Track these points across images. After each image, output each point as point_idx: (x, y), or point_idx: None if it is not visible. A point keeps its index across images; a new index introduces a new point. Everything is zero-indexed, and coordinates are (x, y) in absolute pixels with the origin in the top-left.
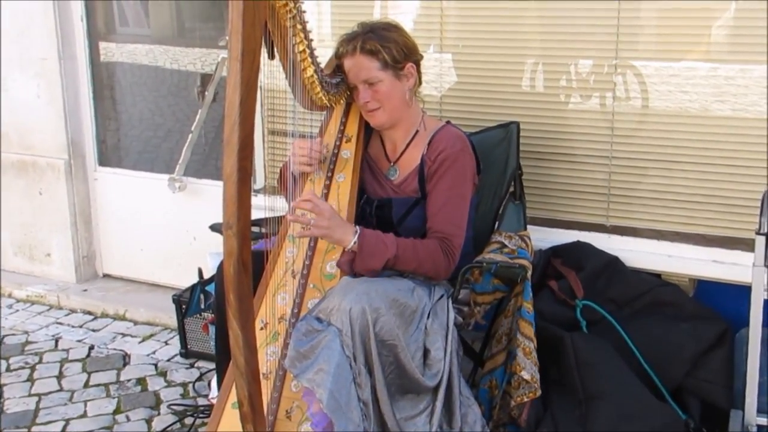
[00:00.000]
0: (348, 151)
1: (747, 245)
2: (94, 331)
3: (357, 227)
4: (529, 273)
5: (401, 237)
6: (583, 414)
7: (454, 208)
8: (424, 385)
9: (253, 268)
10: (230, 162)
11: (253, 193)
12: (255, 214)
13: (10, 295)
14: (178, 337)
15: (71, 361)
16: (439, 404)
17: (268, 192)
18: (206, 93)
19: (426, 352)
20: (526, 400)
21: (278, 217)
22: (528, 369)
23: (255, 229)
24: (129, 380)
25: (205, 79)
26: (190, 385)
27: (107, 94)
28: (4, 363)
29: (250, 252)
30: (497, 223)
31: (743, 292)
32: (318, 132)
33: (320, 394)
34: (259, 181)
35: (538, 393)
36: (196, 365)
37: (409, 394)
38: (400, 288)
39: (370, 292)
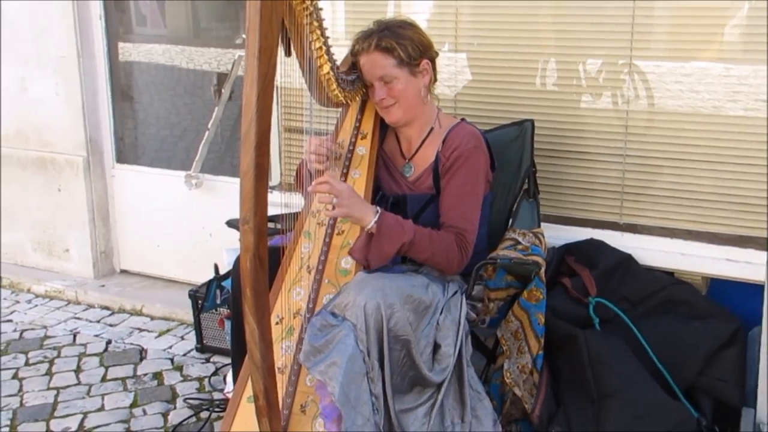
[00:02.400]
0: (363, 148)
1: (760, 244)
2: (111, 326)
3: (377, 207)
4: (543, 270)
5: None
6: (595, 412)
7: (467, 204)
8: (431, 380)
9: (269, 264)
10: (247, 158)
11: (269, 190)
12: (271, 211)
13: (29, 290)
14: (194, 332)
15: (89, 355)
16: (440, 397)
17: (284, 189)
18: (222, 91)
19: (436, 347)
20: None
21: (294, 213)
22: (521, 386)
23: (270, 225)
24: (146, 374)
25: (221, 77)
26: (206, 380)
27: (125, 93)
28: (23, 357)
29: (267, 247)
30: (511, 220)
31: (756, 290)
32: (333, 129)
33: (332, 388)
34: (274, 177)
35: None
36: (211, 360)
37: (416, 387)
38: (414, 284)
39: (385, 288)
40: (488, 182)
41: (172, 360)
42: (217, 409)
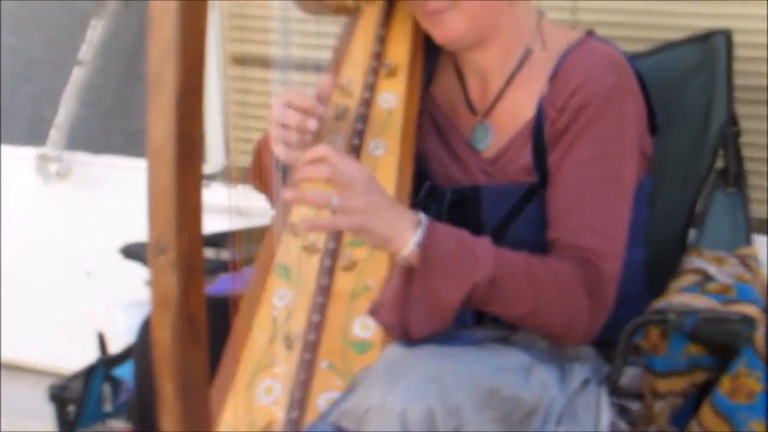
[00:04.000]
0: (391, 96)
1: None
2: None
3: (421, 215)
4: (760, 332)
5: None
6: None
7: (602, 202)
8: None
9: (211, 331)
10: (161, 122)
11: (204, 183)
12: (210, 224)
13: None
14: None
15: None
16: None
17: (233, 179)
18: None
19: None
20: None
21: (255, 228)
22: None
23: (210, 253)
24: None
25: None
26: None
27: None
28: None
29: (204, 298)
30: (694, 231)
31: None
32: (331, 61)
33: None
34: (214, 160)
35: None
36: None
37: None
38: (502, 367)
39: (442, 377)
40: (645, 157)
41: None
42: None
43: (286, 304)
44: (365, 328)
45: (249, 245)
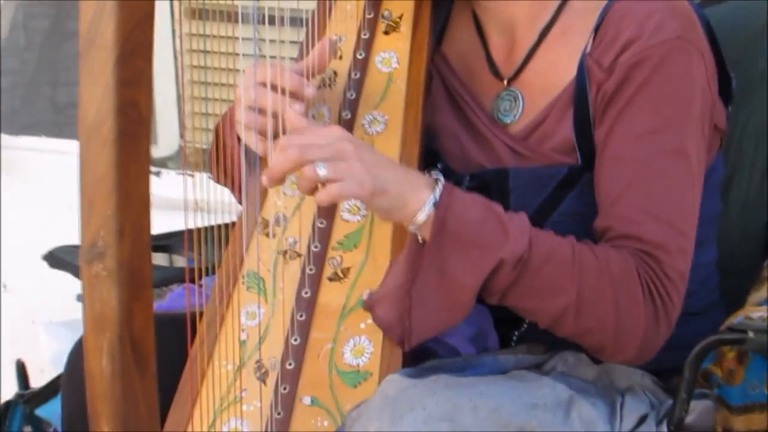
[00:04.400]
0: (392, 56)
1: None
2: None
3: (436, 173)
4: None
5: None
6: None
7: (666, 183)
8: None
9: (164, 356)
10: (97, 93)
11: (153, 170)
12: (160, 222)
13: None
14: None
15: None
16: None
17: (190, 165)
18: None
19: None
20: None
21: (217, 227)
22: None
23: (161, 259)
24: None
25: None
26: None
27: None
28: None
29: (152, 317)
30: None
31: None
32: (314, 15)
33: None
34: (166, 140)
35: None
36: None
37: None
38: (535, 402)
39: (458, 415)
40: (717, 131)
41: None
42: None
43: (258, 323)
44: (359, 353)
45: (210, 249)
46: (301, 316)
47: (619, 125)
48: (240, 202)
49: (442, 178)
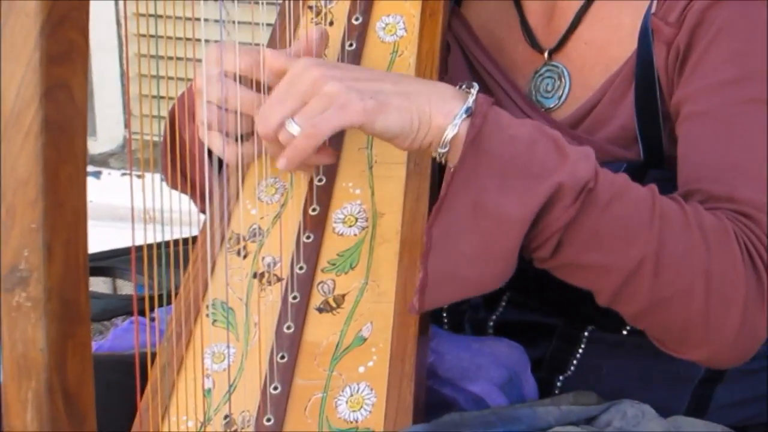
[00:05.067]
0: (397, 22)
1: None
2: None
3: (472, 86)
4: None
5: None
6: None
7: (758, 137)
8: None
9: (106, 410)
10: (17, 73)
11: (91, 173)
12: (101, 236)
13: None
14: None
15: None
16: None
17: (137, 165)
18: None
19: None
20: None
21: (171, 242)
22: None
23: (102, 285)
24: None
25: None
26: None
27: None
28: None
29: (91, 360)
30: None
31: None
32: None
33: None
34: (108, 133)
35: None
36: None
37: None
38: None
39: None
40: None
41: None
42: None
43: (228, 367)
44: (357, 405)
45: (165, 272)
46: (282, 357)
47: (698, 77)
48: (202, 212)
49: (476, 86)
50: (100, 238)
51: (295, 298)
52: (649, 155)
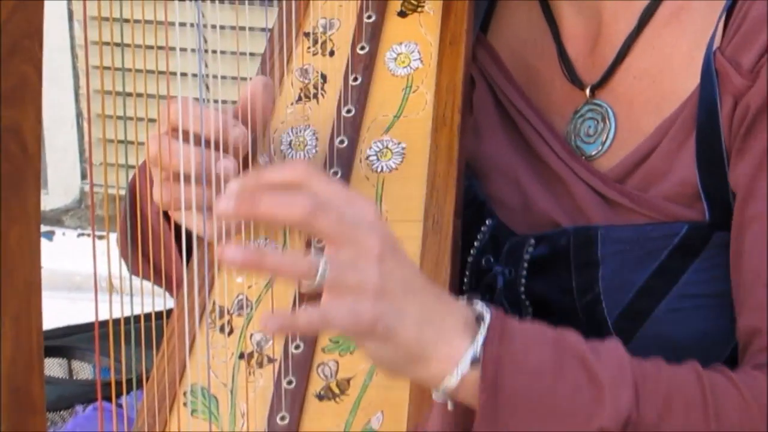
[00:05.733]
0: (411, 51)
1: None
2: None
3: (480, 305)
4: None
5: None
6: None
7: None
8: None
9: None
10: None
11: (44, 233)
12: (54, 310)
13: None
14: None
15: None
16: None
17: (98, 223)
18: None
19: None
20: None
21: (141, 316)
22: None
23: (58, 368)
24: None
25: None
26: None
27: None
28: None
29: None
30: None
31: None
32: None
33: None
34: (60, 184)
35: None
36: None
37: None
38: None
39: None
40: None
41: None
42: None
43: None
44: None
45: (134, 352)
46: None
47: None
48: (172, 296)
49: (488, 313)
50: (55, 312)
51: (290, 383)
52: (714, 215)
